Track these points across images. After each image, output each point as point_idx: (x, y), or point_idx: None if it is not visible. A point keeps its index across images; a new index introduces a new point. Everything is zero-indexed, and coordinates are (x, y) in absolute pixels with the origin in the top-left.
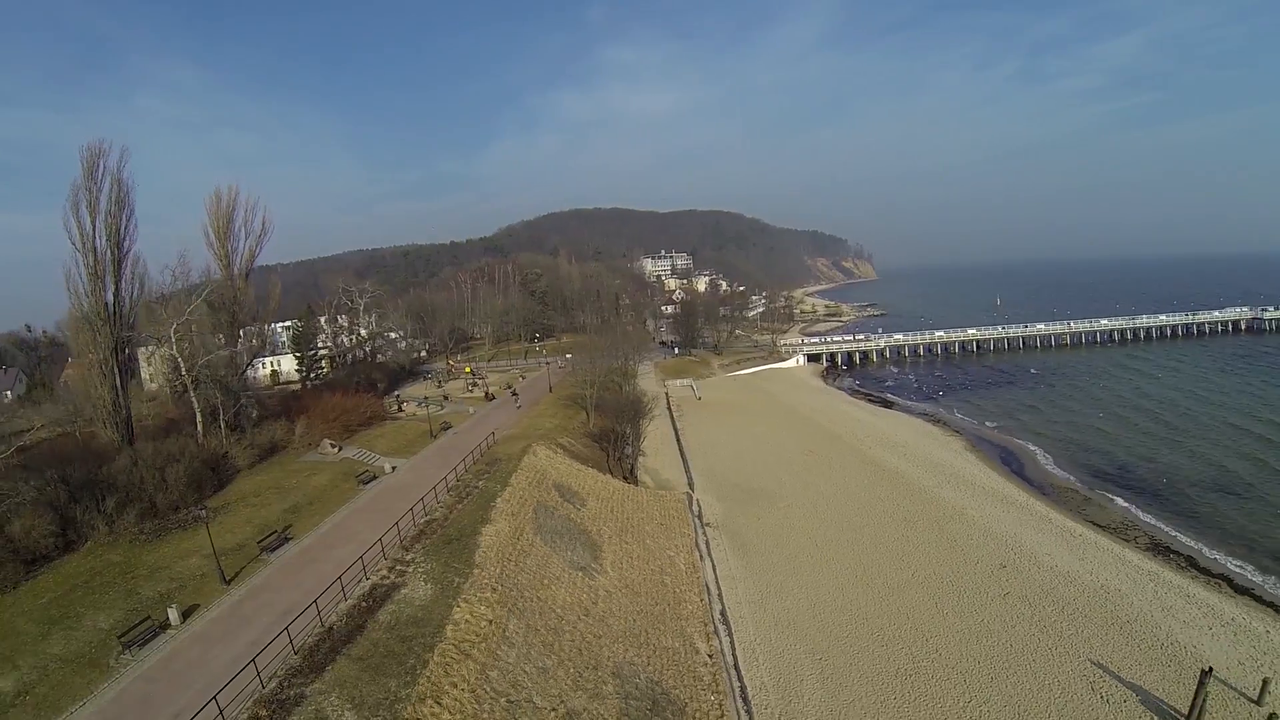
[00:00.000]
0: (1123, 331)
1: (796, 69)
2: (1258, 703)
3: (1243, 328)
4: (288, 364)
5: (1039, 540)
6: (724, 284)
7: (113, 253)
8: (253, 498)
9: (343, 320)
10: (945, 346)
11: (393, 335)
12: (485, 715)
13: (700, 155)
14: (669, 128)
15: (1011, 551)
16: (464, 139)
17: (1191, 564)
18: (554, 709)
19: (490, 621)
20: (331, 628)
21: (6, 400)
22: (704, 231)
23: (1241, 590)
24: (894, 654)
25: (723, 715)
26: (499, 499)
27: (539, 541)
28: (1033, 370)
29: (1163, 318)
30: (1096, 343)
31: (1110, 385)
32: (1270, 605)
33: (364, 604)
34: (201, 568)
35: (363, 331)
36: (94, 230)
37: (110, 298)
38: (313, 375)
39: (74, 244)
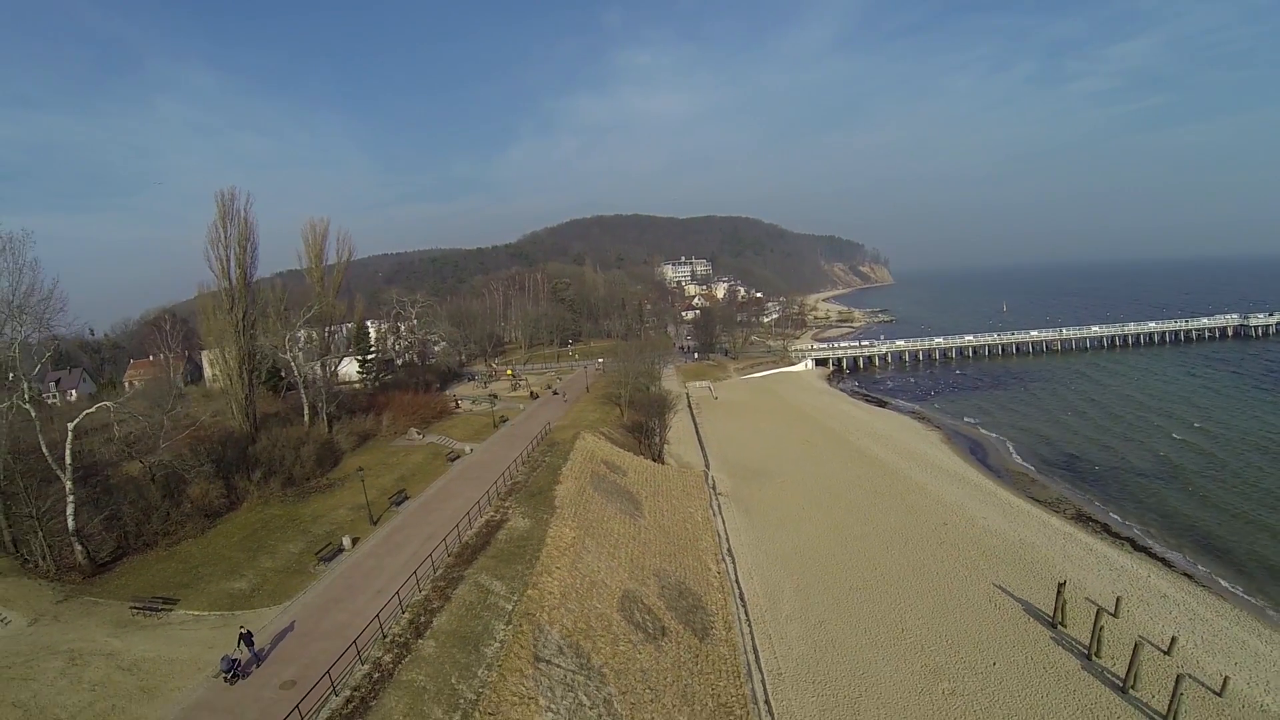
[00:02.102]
0: (1112, 338)
1: (811, 72)
2: (1114, 614)
3: (1230, 334)
4: (345, 366)
5: (980, 508)
6: (742, 290)
7: (241, 278)
8: (369, 469)
9: (403, 327)
10: (943, 352)
11: (439, 342)
12: (576, 584)
13: (717, 158)
14: (685, 131)
15: (954, 515)
16: (480, 142)
17: (1105, 530)
18: (619, 588)
19: (573, 538)
20: (468, 543)
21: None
22: (723, 238)
23: (1140, 549)
24: (850, 577)
25: (726, 605)
26: (563, 469)
27: (597, 495)
28: (1016, 374)
29: (1151, 325)
30: (1086, 348)
31: (1085, 388)
32: (1160, 559)
33: (485, 530)
34: (349, 516)
35: (415, 338)
36: (228, 261)
37: (239, 315)
38: (373, 377)
39: (212, 271)
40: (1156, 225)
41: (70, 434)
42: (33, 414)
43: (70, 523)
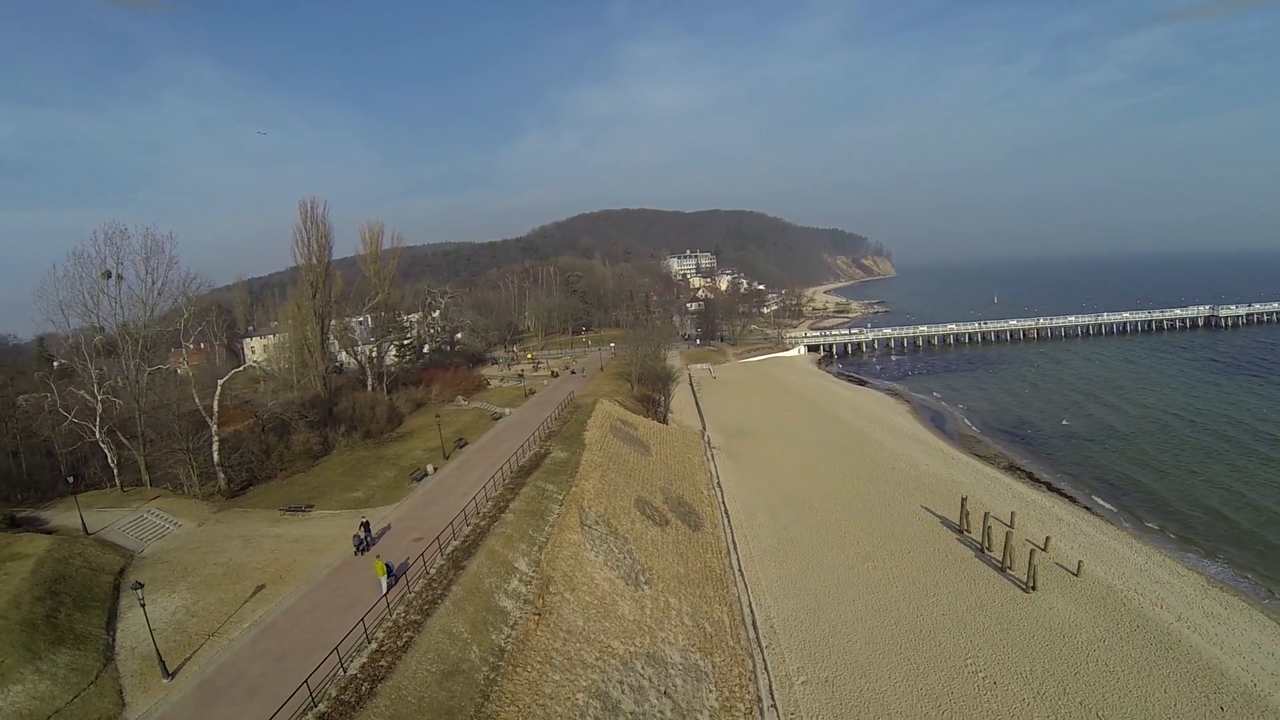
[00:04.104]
0: (1087, 327)
1: (816, 65)
2: (1010, 525)
3: (1200, 324)
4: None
5: (926, 459)
6: (745, 282)
7: (322, 273)
8: (427, 427)
9: (434, 315)
10: (926, 339)
11: (461, 330)
12: (604, 488)
13: (722, 151)
14: (691, 124)
15: (903, 462)
16: (485, 136)
17: (1030, 477)
18: (634, 495)
19: (600, 461)
20: (523, 465)
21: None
22: (727, 231)
23: (1054, 490)
24: (811, 500)
25: (714, 513)
26: (588, 423)
27: (615, 439)
28: (990, 359)
29: (1125, 315)
30: (1063, 337)
31: (1050, 370)
32: (1059, 492)
33: (534, 459)
34: (424, 455)
35: (446, 324)
36: (311, 257)
37: (321, 301)
38: (408, 359)
39: (299, 267)
40: (1163, 220)
41: (218, 389)
42: (190, 374)
43: (215, 456)
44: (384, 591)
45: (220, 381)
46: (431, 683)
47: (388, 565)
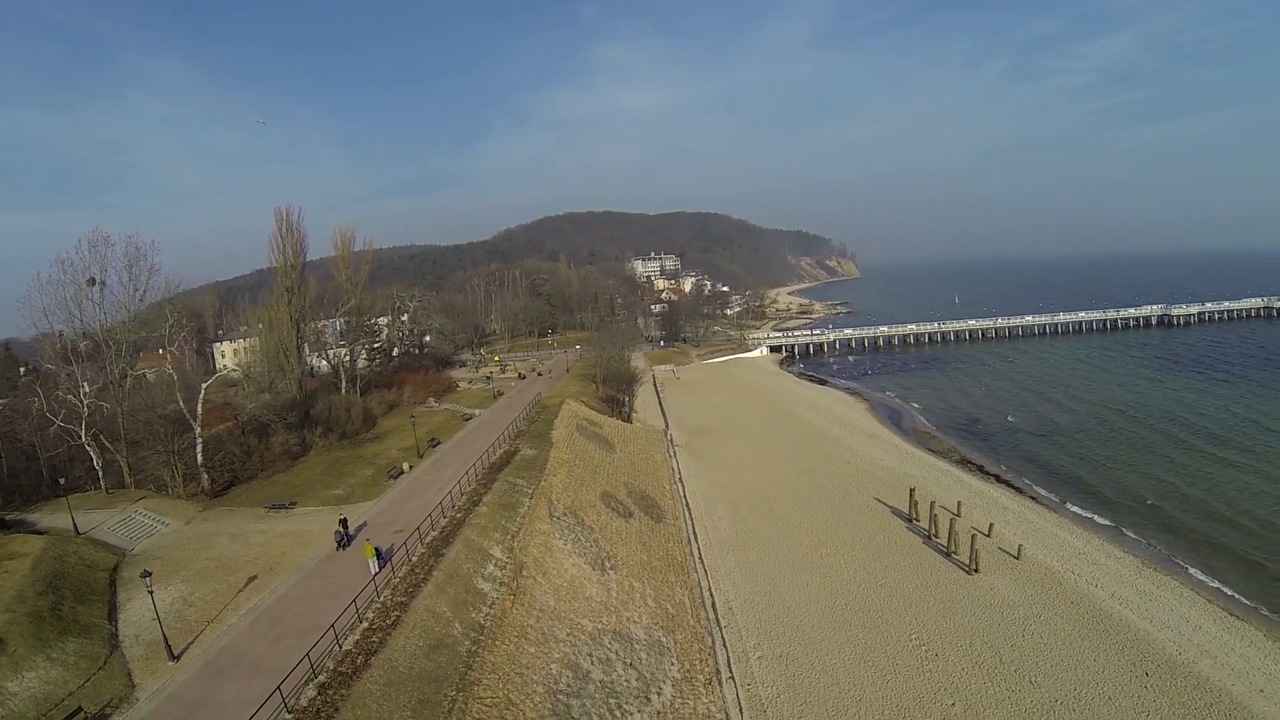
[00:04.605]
0: (1044, 327)
1: (787, 67)
2: (956, 514)
3: (1154, 323)
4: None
5: (880, 454)
6: (709, 284)
7: (297, 278)
8: (400, 428)
9: (403, 318)
10: (886, 339)
11: (427, 335)
12: (571, 483)
13: (691, 153)
14: (660, 126)
15: (858, 457)
16: (455, 137)
17: (979, 469)
18: (600, 489)
19: (567, 458)
20: (494, 462)
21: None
22: (692, 233)
23: (1002, 482)
24: (769, 493)
25: (675, 506)
26: (555, 422)
27: (581, 438)
28: (947, 358)
29: (1081, 314)
30: (1020, 336)
31: (1002, 369)
32: (1007, 484)
33: (504, 456)
34: (399, 455)
35: (413, 328)
36: (285, 263)
37: (295, 307)
38: (377, 362)
39: (271, 271)
40: (1127, 221)
41: (202, 392)
42: (175, 378)
43: (199, 458)
44: (374, 572)
45: (204, 385)
46: (419, 655)
47: (377, 549)
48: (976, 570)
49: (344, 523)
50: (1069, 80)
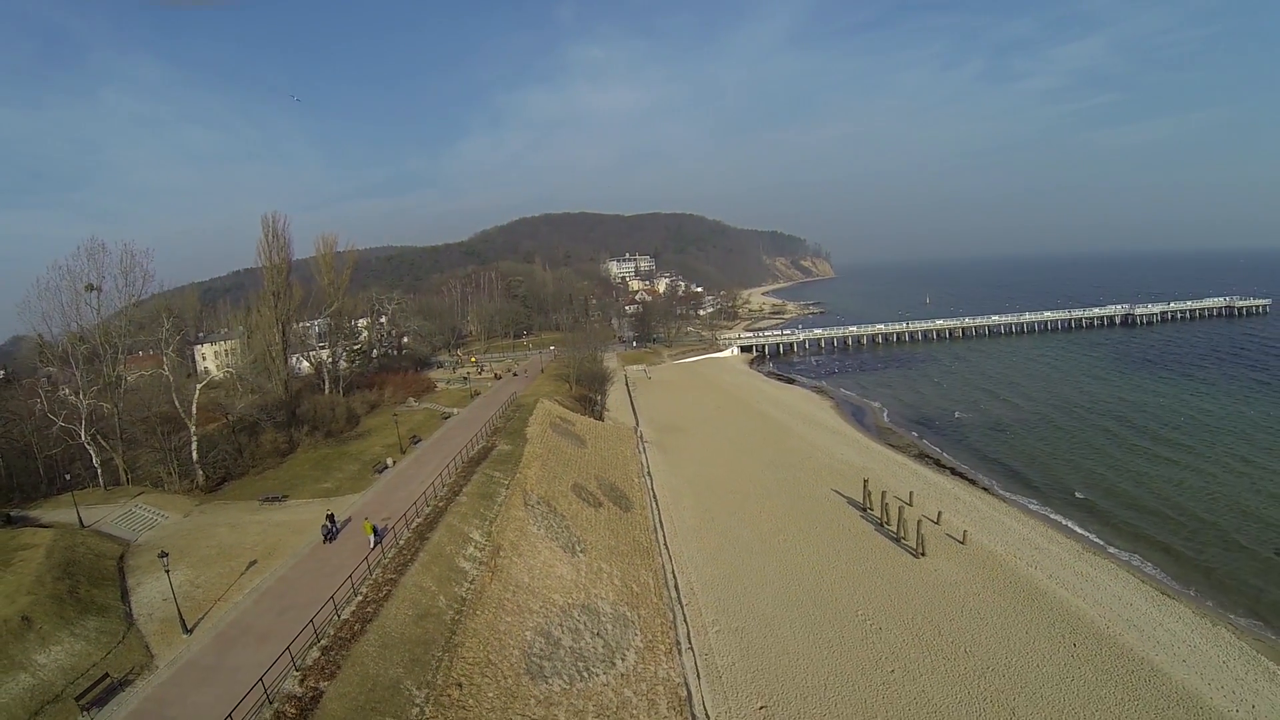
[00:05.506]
0: (1010, 326)
1: (762, 68)
2: (908, 503)
3: (1118, 322)
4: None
5: (841, 449)
6: (683, 285)
7: (283, 282)
8: (382, 427)
9: (382, 320)
10: (855, 339)
11: (406, 336)
12: (544, 475)
13: (666, 154)
14: (636, 127)
15: (820, 452)
16: (431, 137)
17: (935, 463)
18: (571, 481)
19: (541, 453)
20: (473, 457)
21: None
22: (667, 234)
23: (955, 474)
24: (733, 486)
25: (643, 498)
26: (529, 420)
27: (554, 434)
28: (913, 358)
29: (1046, 314)
30: (986, 336)
31: (962, 367)
32: (961, 476)
33: (482, 451)
34: (383, 451)
35: (393, 330)
36: (272, 268)
37: (282, 310)
38: (356, 364)
39: (256, 273)
40: (1098, 221)
41: (197, 392)
42: (171, 379)
43: (194, 455)
44: (372, 546)
45: (198, 386)
46: (409, 622)
47: (375, 526)
48: (923, 554)
49: (331, 517)
50: (1043, 82)
